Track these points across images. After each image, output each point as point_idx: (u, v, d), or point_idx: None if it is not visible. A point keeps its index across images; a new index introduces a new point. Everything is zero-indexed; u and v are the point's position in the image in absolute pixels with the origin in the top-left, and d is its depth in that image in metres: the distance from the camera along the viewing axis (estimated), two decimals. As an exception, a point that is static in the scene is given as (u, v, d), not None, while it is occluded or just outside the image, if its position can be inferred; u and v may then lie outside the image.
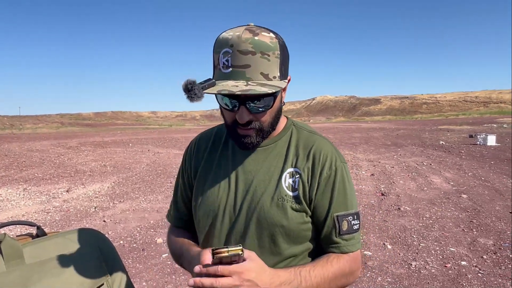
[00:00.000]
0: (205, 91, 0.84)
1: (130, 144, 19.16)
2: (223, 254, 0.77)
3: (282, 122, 1.06)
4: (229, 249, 0.77)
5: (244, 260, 0.82)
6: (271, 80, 0.88)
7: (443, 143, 16.30)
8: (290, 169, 1.00)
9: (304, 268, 0.92)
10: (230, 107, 0.93)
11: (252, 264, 0.83)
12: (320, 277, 0.92)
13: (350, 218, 0.98)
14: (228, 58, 0.86)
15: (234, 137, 0.99)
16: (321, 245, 1.01)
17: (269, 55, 0.87)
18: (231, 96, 0.89)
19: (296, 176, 0.99)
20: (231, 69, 0.86)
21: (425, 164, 10.31)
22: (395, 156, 12.22)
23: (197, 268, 0.82)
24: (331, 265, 0.95)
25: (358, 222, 1.01)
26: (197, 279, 0.80)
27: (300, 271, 0.91)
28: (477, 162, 10.44)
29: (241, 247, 0.78)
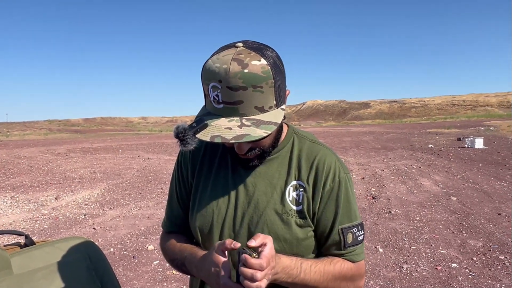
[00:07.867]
0: (198, 136, 0.81)
1: (120, 150, 19.00)
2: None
3: (283, 130, 1.02)
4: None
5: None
6: (267, 111, 0.84)
7: (432, 146, 16.49)
8: (294, 182, 0.97)
9: (306, 262, 0.91)
10: None
11: (273, 250, 0.82)
12: (320, 275, 0.91)
13: (354, 229, 0.97)
14: (218, 93, 0.81)
15: (235, 159, 0.97)
16: (324, 255, 0.99)
17: (262, 87, 0.81)
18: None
19: (300, 190, 0.97)
20: (222, 105, 0.82)
21: (414, 167, 10.42)
22: (385, 160, 12.32)
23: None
24: (334, 266, 0.94)
25: (363, 232, 1.00)
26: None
27: (302, 263, 0.90)
28: (466, 164, 10.58)
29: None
